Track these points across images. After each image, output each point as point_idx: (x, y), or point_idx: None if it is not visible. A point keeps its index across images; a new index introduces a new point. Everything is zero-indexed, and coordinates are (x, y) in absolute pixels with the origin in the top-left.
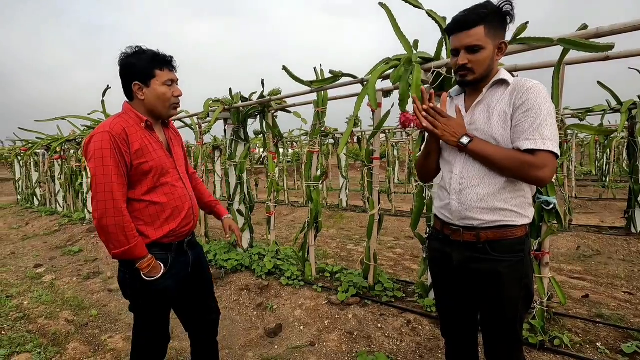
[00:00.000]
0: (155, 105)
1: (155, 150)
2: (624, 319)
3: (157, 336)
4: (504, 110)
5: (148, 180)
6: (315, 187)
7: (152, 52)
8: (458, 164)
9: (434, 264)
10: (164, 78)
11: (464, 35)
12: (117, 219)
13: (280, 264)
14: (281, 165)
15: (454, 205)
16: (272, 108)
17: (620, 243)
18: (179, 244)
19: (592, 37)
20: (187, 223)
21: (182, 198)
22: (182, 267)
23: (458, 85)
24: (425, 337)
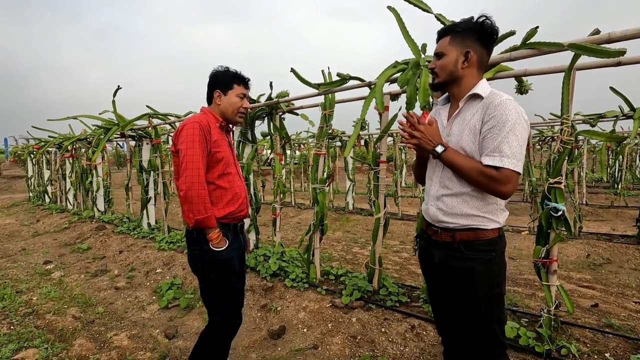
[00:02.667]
0: (227, 109)
1: (224, 145)
2: (635, 329)
3: (231, 314)
4: (474, 125)
5: (220, 166)
6: (321, 189)
7: (234, 72)
8: (437, 172)
9: (421, 261)
10: (239, 91)
11: (440, 42)
12: (201, 191)
13: (285, 266)
14: (288, 167)
15: (432, 210)
16: (279, 110)
17: (632, 252)
18: (234, 226)
19: (604, 43)
20: (242, 209)
21: (240, 188)
22: (239, 246)
23: (433, 88)
24: (430, 342)
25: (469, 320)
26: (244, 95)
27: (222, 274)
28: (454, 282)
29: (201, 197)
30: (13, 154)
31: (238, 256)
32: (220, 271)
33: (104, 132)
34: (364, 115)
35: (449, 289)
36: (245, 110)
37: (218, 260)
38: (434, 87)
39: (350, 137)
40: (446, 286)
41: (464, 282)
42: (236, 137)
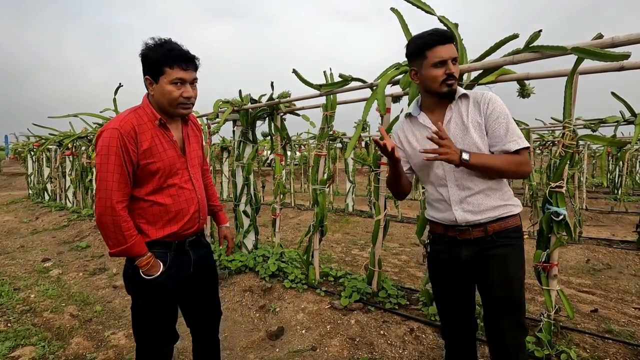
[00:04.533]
0: (162, 102)
1: (166, 150)
2: (634, 335)
3: (157, 338)
4: (476, 121)
5: (154, 180)
6: (321, 190)
7: (167, 47)
8: (450, 178)
9: (439, 266)
10: (172, 76)
11: (448, 47)
12: (115, 218)
13: (284, 267)
14: (288, 168)
15: (460, 215)
16: (280, 111)
17: (632, 258)
18: (179, 244)
19: (608, 47)
20: (190, 226)
21: (188, 201)
22: (182, 266)
23: (446, 95)
24: (429, 346)
25: (503, 308)
26: (183, 81)
27: (152, 302)
28: (487, 272)
29: (116, 225)
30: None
31: (180, 280)
32: (150, 299)
33: None
34: (365, 116)
35: (482, 281)
36: (189, 101)
37: (148, 288)
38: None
39: (351, 138)
40: (477, 280)
41: (498, 269)
42: (237, 137)
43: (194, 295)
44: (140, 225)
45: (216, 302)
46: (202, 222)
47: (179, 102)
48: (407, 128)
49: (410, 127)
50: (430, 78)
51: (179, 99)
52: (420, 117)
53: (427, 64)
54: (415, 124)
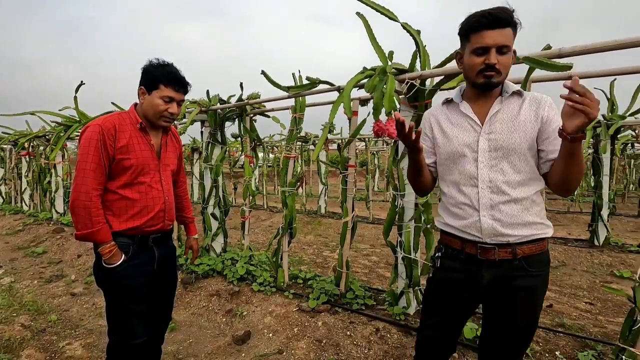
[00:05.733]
0: (148, 111)
1: (142, 150)
2: (584, 328)
3: (127, 334)
4: (530, 123)
5: (126, 175)
6: (290, 192)
7: (168, 70)
8: (484, 177)
9: (448, 286)
10: (165, 93)
11: (497, 33)
12: (87, 203)
13: (253, 270)
14: (261, 170)
15: (487, 223)
16: (250, 112)
17: (584, 255)
18: (142, 238)
19: (555, 57)
20: (154, 224)
21: (155, 199)
22: (146, 260)
23: (481, 87)
24: (393, 345)
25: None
26: (171, 99)
27: (115, 293)
28: (510, 304)
29: (86, 209)
30: None
31: (143, 273)
32: (114, 290)
33: (64, 129)
34: (332, 119)
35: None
36: (172, 116)
37: (111, 277)
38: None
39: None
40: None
41: (525, 302)
42: (205, 139)
43: (154, 295)
44: (106, 216)
45: (170, 307)
46: (167, 223)
47: (163, 115)
48: (442, 115)
49: (446, 114)
50: (468, 66)
51: (163, 113)
52: (462, 106)
53: (468, 49)
54: (453, 112)
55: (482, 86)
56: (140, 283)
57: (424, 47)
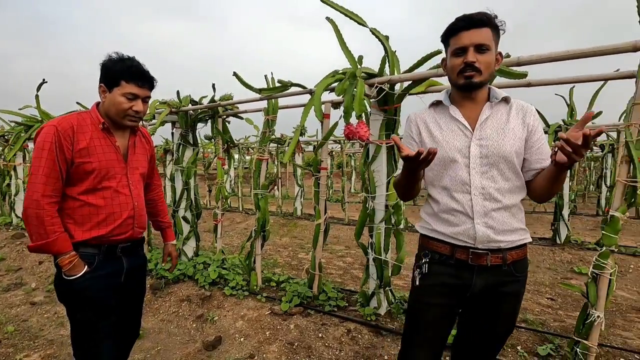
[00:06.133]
0: (110, 110)
1: (105, 153)
2: (545, 323)
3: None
4: (519, 130)
5: (89, 180)
6: (263, 195)
7: (128, 64)
8: (476, 184)
9: (438, 293)
10: (126, 90)
11: (474, 32)
12: (38, 211)
13: (225, 274)
14: (237, 172)
15: (481, 230)
16: (223, 113)
17: (547, 253)
18: (109, 247)
19: (514, 65)
20: (122, 232)
21: (122, 205)
22: (112, 272)
23: (462, 88)
24: (364, 345)
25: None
26: (135, 96)
27: (78, 307)
28: (496, 310)
29: (39, 218)
30: None
31: (109, 286)
32: (76, 304)
33: (25, 129)
34: (303, 121)
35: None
36: (137, 115)
37: (73, 290)
38: (472, 86)
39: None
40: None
41: (508, 307)
42: (175, 140)
43: (120, 308)
44: (67, 225)
45: (138, 321)
46: (137, 231)
47: (127, 114)
48: (429, 118)
49: (434, 117)
50: (449, 68)
51: (127, 111)
52: (452, 109)
53: (449, 52)
54: (442, 115)
55: (463, 87)
56: (105, 296)
57: (392, 52)
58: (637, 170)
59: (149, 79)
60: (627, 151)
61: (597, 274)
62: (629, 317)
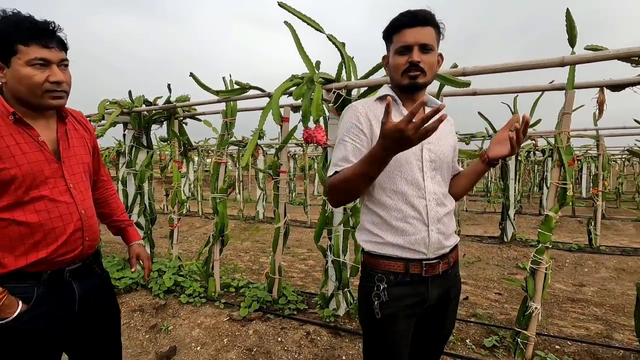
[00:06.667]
0: (19, 91)
1: (25, 154)
2: (492, 316)
3: None
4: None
5: (10, 192)
6: (221, 199)
7: (14, 20)
8: (430, 188)
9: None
10: (31, 56)
11: (418, 30)
12: None
13: (182, 281)
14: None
15: (434, 237)
16: (179, 115)
17: (496, 250)
18: (53, 274)
19: (460, 75)
20: (68, 250)
21: (63, 217)
22: (60, 304)
23: (406, 89)
24: (323, 347)
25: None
26: (46, 62)
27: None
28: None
29: None
30: None
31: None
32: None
33: None
34: (261, 125)
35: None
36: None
37: (5, 338)
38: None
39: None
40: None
41: (453, 307)
42: (128, 142)
43: (84, 345)
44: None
45: (117, 352)
46: (89, 245)
47: (45, 90)
48: (380, 112)
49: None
50: (393, 67)
51: (44, 85)
52: (402, 108)
53: (393, 49)
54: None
55: (407, 87)
56: (56, 335)
57: (349, 58)
58: (566, 173)
59: (54, 33)
60: (558, 156)
61: (535, 269)
62: (564, 307)
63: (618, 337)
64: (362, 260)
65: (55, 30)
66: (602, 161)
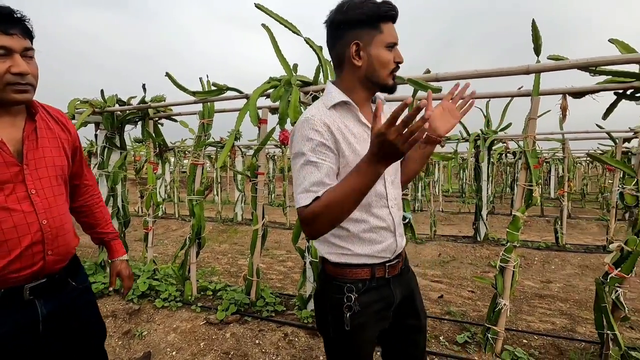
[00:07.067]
0: None
1: None
2: (465, 313)
3: None
4: None
5: None
6: (198, 201)
7: None
8: (391, 195)
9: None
10: None
11: (392, 30)
12: None
13: (157, 285)
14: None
15: (399, 242)
16: (154, 115)
17: (469, 249)
18: (7, 293)
19: (432, 80)
20: (24, 266)
21: (18, 229)
22: (17, 328)
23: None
24: (300, 348)
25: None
26: (7, 50)
27: None
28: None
29: None
30: None
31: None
32: None
33: None
34: (238, 126)
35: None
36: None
37: None
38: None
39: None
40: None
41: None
42: (100, 142)
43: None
44: None
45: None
46: (53, 260)
47: (7, 82)
48: (340, 122)
49: (342, 120)
50: (382, 61)
51: (4, 77)
52: (359, 112)
53: (380, 40)
54: (347, 118)
55: (391, 89)
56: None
57: (326, 61)
58: (532, 175)
59: (15, 19)
60: (524, 159)
61: (504, 267)
62: (532, 303)
63: (581, 330)
64: (323, 271)
65: (18, 18)
66: (568, 163)
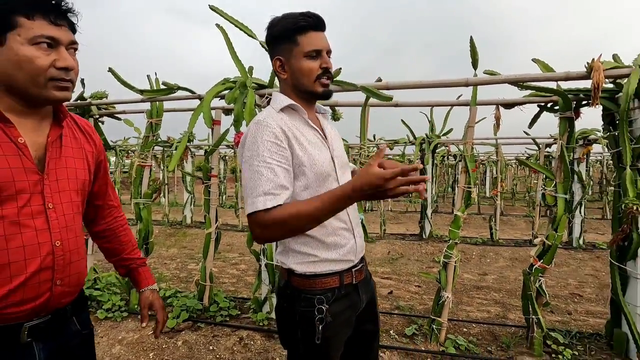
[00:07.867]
0: (13, 77)
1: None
2: (413, 307)
3: None
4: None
5: None
6: (145, 204)
7: None
8: None
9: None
10: (35, 32)
11: (323, 35)
12: None
13: (98, 295)
14: (113, 177)
15: (359, 242)
16: (94, 113)
17: (416, 246)
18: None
19: (383, 88)
20: (27, 298)
21: (27, 250)
22: None
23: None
24: (256, 351)
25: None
26: (54, 41)
27: None
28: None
29: None
30: None
31: None
32: None
33: None
34: (191, 127)
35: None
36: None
37: None
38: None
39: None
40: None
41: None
42: None
43: None
44: None
45: None
46: (60, 292)
47: (51, 77)
48: (292, 126)
49: (295, 125)
50: (303, 71)
51: (48, 71)
52: (307, 117)
53: (298, 52)
54: (299, 123)
55: (323, 95)
56: None
57: None
58: (471, 178)
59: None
60: (464, 163)
61: (446, 262)
62: (471, 295)
63: (512, 316)
64: (288, 285)
65: (67, 8)
66: (500, 166)
